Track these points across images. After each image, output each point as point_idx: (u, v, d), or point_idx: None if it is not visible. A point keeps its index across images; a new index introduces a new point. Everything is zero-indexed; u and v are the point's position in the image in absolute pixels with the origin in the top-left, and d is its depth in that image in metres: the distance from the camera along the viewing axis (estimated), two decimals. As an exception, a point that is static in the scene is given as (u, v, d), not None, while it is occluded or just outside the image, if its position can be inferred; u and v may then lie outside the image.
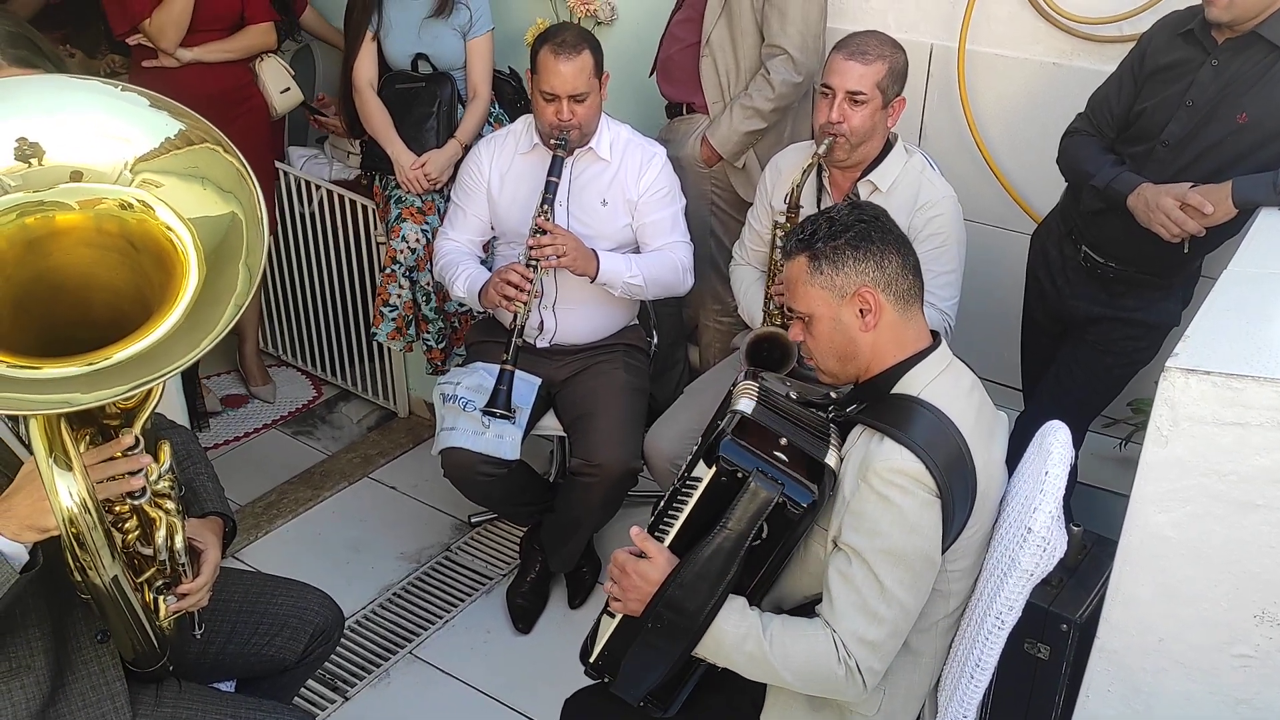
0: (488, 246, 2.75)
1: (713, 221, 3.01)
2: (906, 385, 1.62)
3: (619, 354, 2.69)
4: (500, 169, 2.61)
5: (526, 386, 2.57)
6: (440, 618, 2.82)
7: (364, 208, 3.27)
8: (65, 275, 1.47)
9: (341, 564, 2.99)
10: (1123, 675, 1.68)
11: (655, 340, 2.94)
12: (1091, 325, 2.42)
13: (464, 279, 2.57)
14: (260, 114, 3.31)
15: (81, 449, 1.41)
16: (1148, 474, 1.55)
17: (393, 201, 3.03)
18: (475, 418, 2.51)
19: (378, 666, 2.66)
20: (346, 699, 2.57)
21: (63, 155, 1.39)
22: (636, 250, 2.65)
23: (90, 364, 1.31)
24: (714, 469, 1.61)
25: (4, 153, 1.38)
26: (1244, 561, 1.51)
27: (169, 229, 1.40)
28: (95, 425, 1.45)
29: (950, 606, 1.65)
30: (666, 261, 2.59)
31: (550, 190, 2.44)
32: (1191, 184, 2.11)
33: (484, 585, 2.93)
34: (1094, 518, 2.86)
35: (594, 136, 2.55)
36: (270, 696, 2.04)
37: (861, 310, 1.62)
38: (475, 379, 2.56)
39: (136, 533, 1.52)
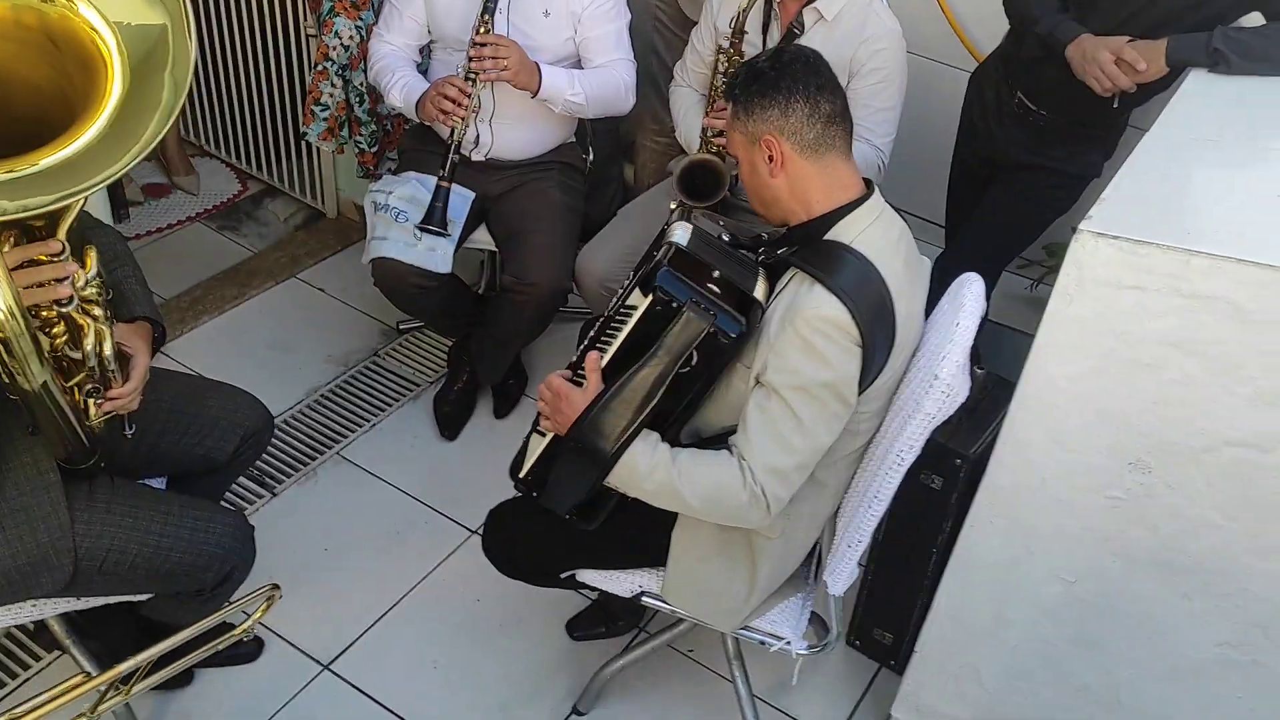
0: (425, 50, 2.67)
1: (656, 38, 2.95)
2: (838, 233, 1.67)
3: (554, 172, 2.67)
4: (439, -32, 2.50)
5: (460, 200, 2.56)
6: (367, 421, 2.89)
7: (293, -3, 3.12)
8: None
9: (268, 364, 3.02)
10: (1006, 510, 1.82)
11: (591, 157, 2.92)
12: (1018, 171, 2.47)
13: (400, 88, 2.51)
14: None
15: (5, 249, 1.40)
16: (1050, 328, 1.64)
17: (325, -7, 2.90)
18: (407, 229, 2.50)
19: (305, 465, 2.74)
20: (275, 494, 2.66)
21: None
22: (577, 65, 2.59)
23: (12, 171, 1.29)
24: (650, 298, 1.66)
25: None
26: (1128, 415, 1.63)
27: (93, 29, 1.35)
28: (18, 227, 1.43)
29: (857, 444, 1.76)
30: (609, 79, 2.55)
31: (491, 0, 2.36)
32: (1130, 38, 2.12)
33: (411, 392, 2.99)
34: (998, 356, 2.99)
35: (539, -59, 2.45)
36: (200, 494, 2.10)
37: (769, 156, 1.66)
38: (408, 189, 2.54)
39: (65, 338, 1.53)
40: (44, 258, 1.40)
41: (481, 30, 2.36)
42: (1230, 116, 1.91)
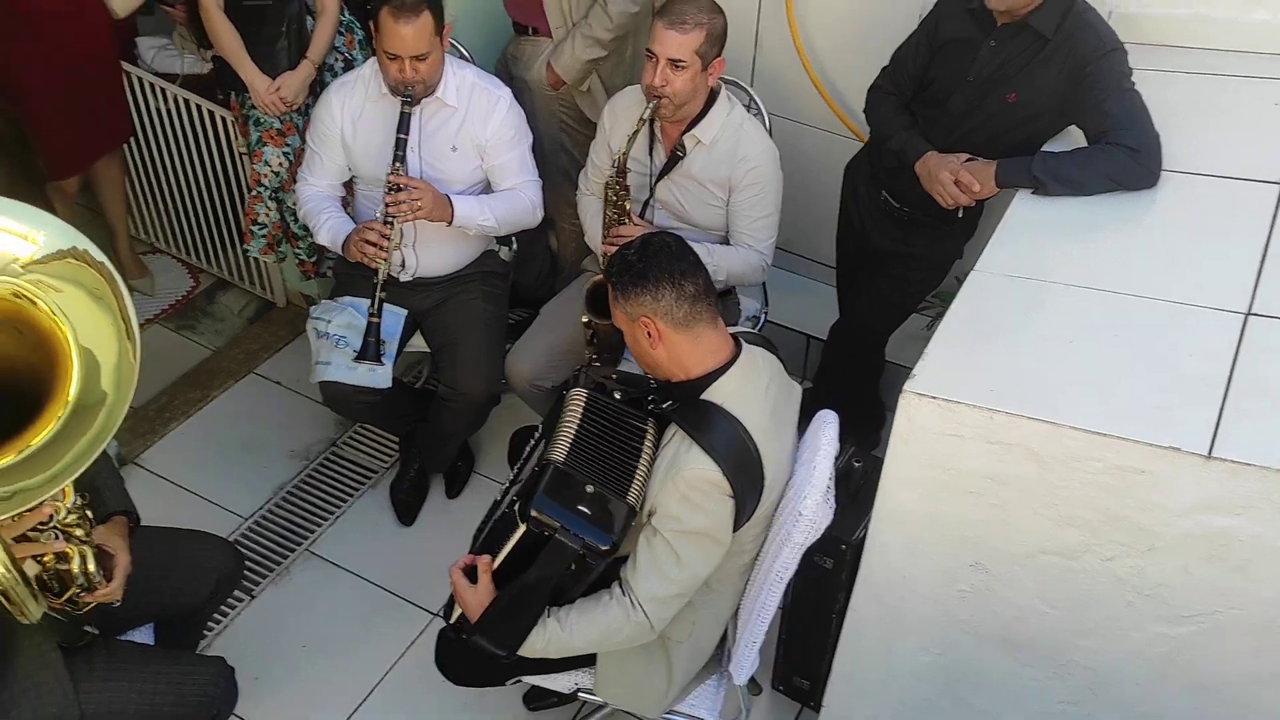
0: (349, 184, 2.90)
1: (563, 137, 3.20)
2: (712, 394, 1.94)
3: (476, 282, 2.92)
4: (352, 116, 2.73)
5: (393, 319, 2.81)
6: (331, 513, 3.16)
7: (222, 119, 3.32)
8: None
9: (235, 464, 3.28)
10: (878, 598, 2.12)
11: (515, 246, 3.16)
12: (889, 258, 2.74)
13: (327, 229, 2.75)
14: (98, 19, 3.23)
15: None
16: (893, 461, 1.93)
17: (251, 123, 3.11)
18: (348, 353, 2.75)
19: (278, 564, 3.01)
20: (253, 598, 2.93)
21: None
22: (488, 188, 2.83)
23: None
24: (524, 527, 1.91)
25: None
26: (963, 528, 1.93)
27: (57, 321, 1.58)
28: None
29: (743, 560, 2.05)
30: (517, 202, 2.80)
31: (400, 147, 2.59)
32: (968, 157, 2.39)
33: (369, 479, 3.26)
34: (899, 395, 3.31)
35: (439, 85, 2.68)
36: (184, 633, 2.40)
37: (648, 333, 1.93)
38: (345, 317, 2.78)
39: (53, 560, 1.80)
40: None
41: (394, 173, 2.60)
42: (1041, 248, 2.17)
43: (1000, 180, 2.33)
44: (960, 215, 2.47)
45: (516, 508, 1.92)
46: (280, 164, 3.10)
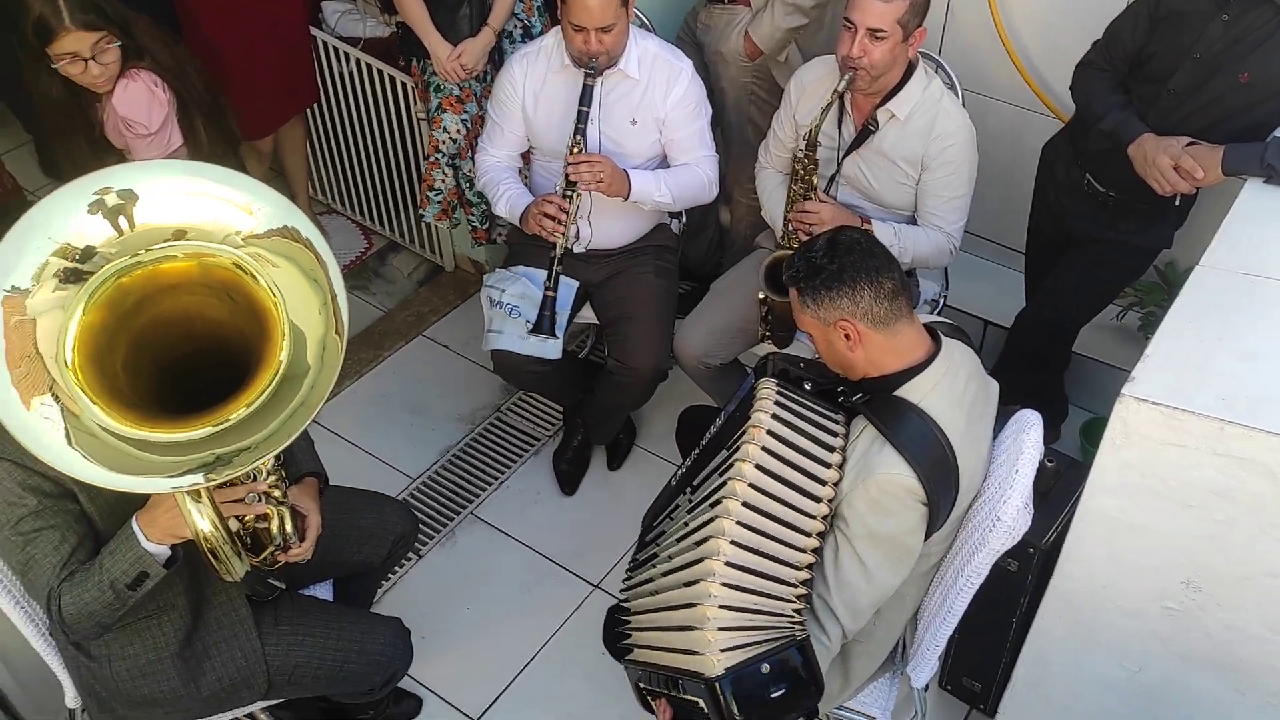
0: (527, 155, 2.90)
1: (751, 110, 3.13)
2: (908, 391, 1.85)
3: (649, 256, 2.89)
4: (534, 87, 2.71)
5: (566, 290, 2.79)
6: (495, 479, 3.20)
7: (403, 84, 3.36)
8: (174, 317, 1.69)
9: (404, 425, 3.35)
10: (1072, 607, 2.01)
11: (684, 219, 3.12)
12: (1090, 243, 2.58)
13: (505, 201, 2.75)
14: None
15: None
16: (1103, 469, 1.81)
17: (432, 90, 3.13)
18: (520, 323, 2.76)
19: (444, 526, 3.07)
20: (421, 558, 3.00)
21: (166, 217, 1.57)
22: (664, 162, 2.79)
23: (223, 422, 1.57)
24: None
25: (99, 227, 1.56)
26: (1177, 543, 1.80)
27: (272, 293, 1.61)
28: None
29: (930, 563, 1.97)
30: (693, 177, 2.74)
31: (581, 120, 2.56)
32: (1189, 140, 2.21)
33: (533, 447, 3.29)
34: (1084, 389, 3.14)
35: (622, 57, 2.63)
36: (361, 590, 2.46)
37: (845, 335, 1.84)
38: (519, 287, 2.79)
39: (252, 520, 1.86)
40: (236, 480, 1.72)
41: (575, 150, 2.57)
42: (1275, 244, 1.99)
43: (1228, 168, 2.15)
44: (1176, 203, 2.30)
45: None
46: (458, 131, 3.12)
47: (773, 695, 1.77)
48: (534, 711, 2.66)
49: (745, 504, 1.81)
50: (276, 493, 1.85)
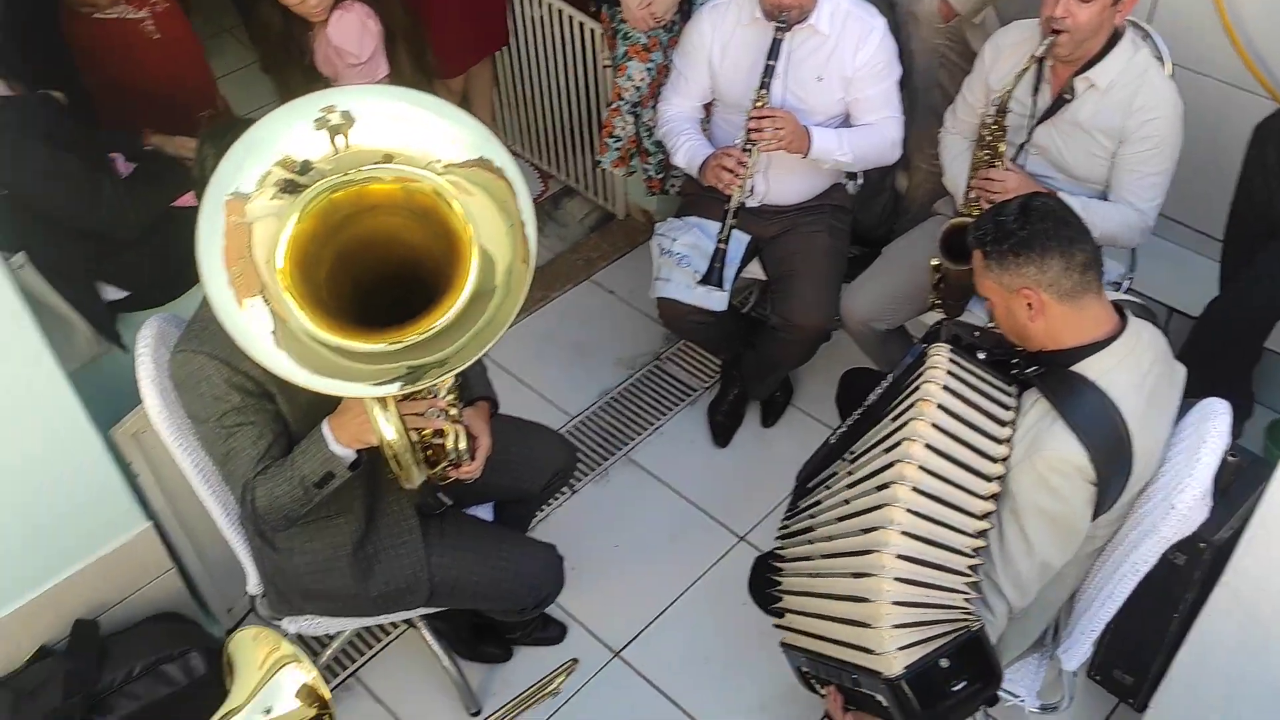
0: (709, 107, 2.91)
1: (941, 73, 3.05)
2: (1086, 368, 1.79)
3: (824, 216, 2.87)
4: (721, 40, 2.72)
5: (736, 244, 2.81)
6: (650, 424, 3.26)
7: (591, 30, 3.42)
8: (374, 236, 1.79)
9: (567, 364, 3.44)
10: (1244, 608, 1.92)
11: (860, 181, 3.08)
12: (1298, 233, 2.44)
13: (685, 151, 2.77)
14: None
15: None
16: (1293, 465, 1.72)
17: (619, 37, 3.17)
18: (688, 273, 2.79)
19: (599, 465, 3.15)
20: (575, 492, 3.09)
21: (376, 141, 1.65)
22: (847, 121, 2.76)
23: (418, 333, 1.66)
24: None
25: (319, 143, 1.66)
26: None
27: (465, 220, 1.68)
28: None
29: (1094, 546, 1.92)
30: (876, 137, 2.71)
31: (768, 74, 2.56)
32: None
33: (689, 397, 3.33)
34: (1274, 387, 2.98)
35: (814, 11, 2.61)
36: (518, 515, 2.56)
37: (1028, 304, 1.79)
38: (690, 237, 2.82)
39: (431, 434, 1.96)
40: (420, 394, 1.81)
41: (758, 104, 2.57)
42: None
43: None
44: None
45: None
46: (642, 79, 3.15)
47: (953, 689, 1.77)
48: (671, 653, 2.72)
49: (916, 489, 1.79)
50: (453, 411, 1.95)
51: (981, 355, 1.94)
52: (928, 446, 1.80)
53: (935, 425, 1.82)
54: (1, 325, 1.92)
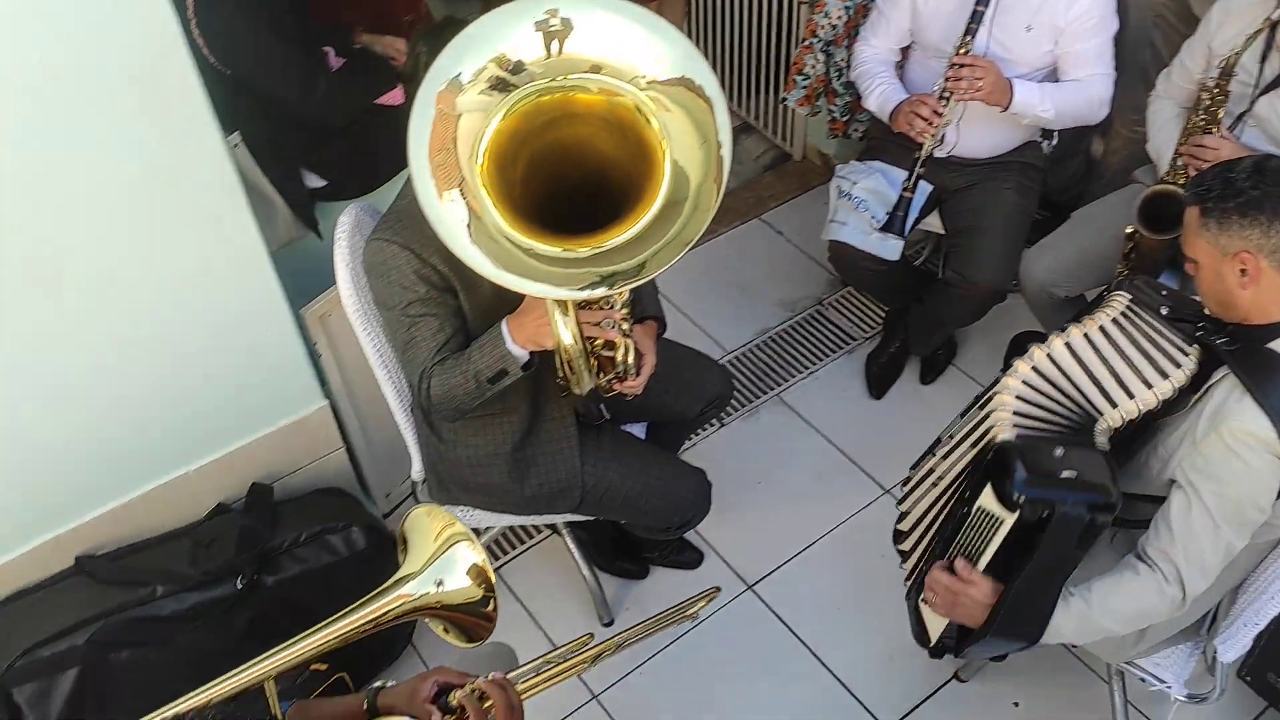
0: (906, 50, 2.84)
1: (1154, 33, 2.90)
2: None
3: (1013, 173, 2.78)
4: (929, -19, 2.64)
5: (919, 194, 2.75)
6: (805, 368, 3.25)
7: (790, -35, 3.37)
8: (570, 144, 1.83)
9: (728, 300, 3.45)
10: None
11: (1055, 141, 2.97)
12: None
13: (877, 95, 2.72)
14: None
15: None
16: None
17: (820, -27, 3.12)
18: (865, 218, 2.75)
19: (750, 403, 3.17)
20: (723, 425, 3.12)
21: (588, 50, 1.67)
22: (1051, 75, 2.65)
23: (607, 241, 1.70)
24: (1016, 515, 1.75)
25: (534, 46, 1.69)
26: None
27: (661, 136, 1.70)
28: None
29: (1273, 535, 1.83)
30: (1082, 95, 2.59)
31: (975, 20, 2.48)
32: None
33: (848, 345, 3.30)
34: None
35: (1031, -46, 2.51)
36: (670, 438, 2.60)
37: (1242, 270, 1.70)
38: (871, 181, 2.77)
39: (603, 346, 2.00)
40: (597, 304, 1.86)
41: (961, 51, 2.50)
42: None
43: None
44: None
45: (984, 500, 1.80)
46: (839, 17, 3.09)
47: (1062, 475, 1.72)
48: (804, 594, 2.74)
49: (1035, 369, 1.83)
50: (625, 325, 1.98)
51: (1164, 311, 1.85)
52: (1064, 348, 1.82)
53: (1087, 338, 1.82)
54: (218, 198, 2.05)
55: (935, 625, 2.02)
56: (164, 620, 2.19)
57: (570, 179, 1.86)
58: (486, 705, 1.44)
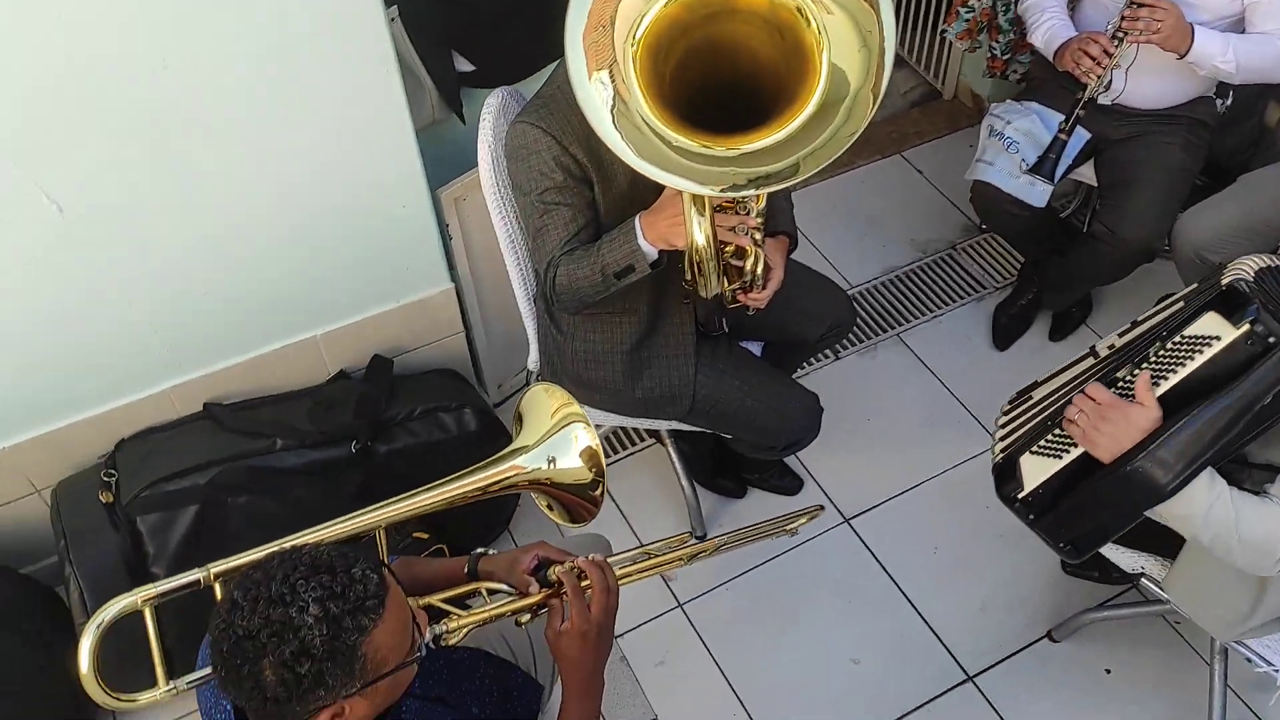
0: (1075, -14, 2.71)
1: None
2: None
3: (1180, 128, 2.63)
4: (1120, -89, 2.49)
5: (1075, 140, 2.63)
6: (929, 311, 3.18)
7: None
8: (726, 42, 1.79)
9: (858, 234, 3.39)
10: None
11: (1230, 101, 2.80)
12: None
13: (1045, 30, 2.59)
14: None
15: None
16: None
17: (998, -101, 2.98)
18: (1015, 159, 2.65)
19: (868, 339, 3.12)
20: (839, 358, 3.08)
21: None
22: (1238, 26, 2.49)
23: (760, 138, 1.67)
24: (1241, 330, 1.62)
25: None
26: None
27: (819, 38, 1.66)
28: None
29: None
30: (1270, 49, 2.42)
31: (1161, -45, 2.34)
32: None
33: (977, 293, 3.21)
34: None
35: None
36: (784, 359, 2.57)
37: None
38: (1027, 122, 2.66)
39: (732, 253, 1.99)
40: (733, 208, 1.83)
41: (1144, -13, 2.36)
42: None
43: None
44: None
45: (1197, 327, 1.68)
46: (1014, -52, 2.96)
47: None
48: (901, 534, 2.70)
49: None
50: (758, 235, 1.96)
51: None
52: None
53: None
54: (374, 69, 2.08)
55: (1037, 474, 1.86)
56: (280, 472, 2.29)
57: (721, 78, 1.83)
58: (584, 584, 1.46)
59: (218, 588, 1.37)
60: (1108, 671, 2.45)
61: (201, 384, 2.37)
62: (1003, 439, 2.01)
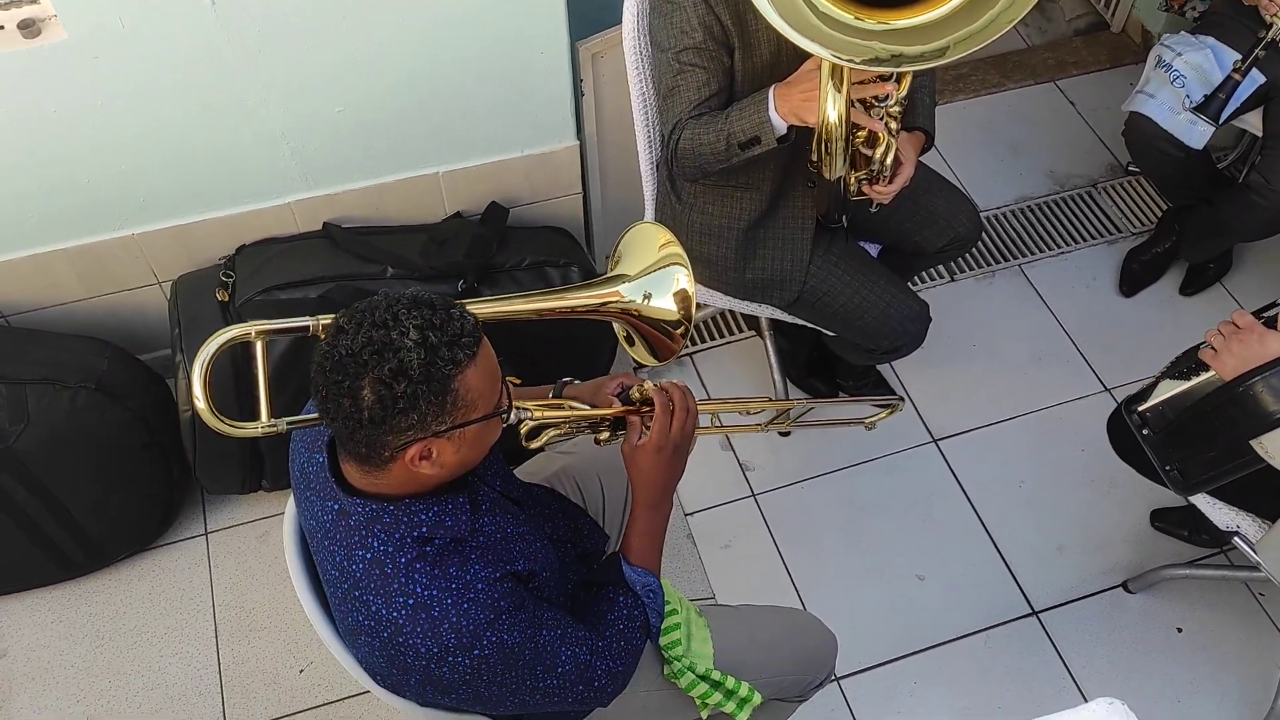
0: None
1: None
2: None
3: (1369, 83, 2.46)
4: None
5: (1249, 82, 2.47)
6: (1057, 247, 3.06)
7: None
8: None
9: (994, 158, 3.27)
10: None
11: None
12: None
13: (1238, -45, 2.42)
14: None
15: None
16: None
17: None
18: (1179, 95, 2.51)
19: (988, 266, 3.02)
20: (953, 280, 3.00)
21: None
22: None
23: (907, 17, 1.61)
24: None
25: None
26: None
27: None
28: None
29: None
30: None
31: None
32: None
33: (1110, 236, 3.08)
34: None
35: None
36: (901, 266, 2.51)
37: None
38: (1198, 57, 2.51)
39: (864, 140, 1.93)
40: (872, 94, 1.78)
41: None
42: None
43: None
44: None
45: None
46: None
47: None
48: (989, 463, 2.65)
49: None
50: (894, 124, 1.90)
51: None
52: None
53: None
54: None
55: (1163, 392, 1.85)
56: (387, 299, 2.34)
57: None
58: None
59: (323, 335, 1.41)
60: (1179, 630, 2.39)
61: (324, 202, 2.42)
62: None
